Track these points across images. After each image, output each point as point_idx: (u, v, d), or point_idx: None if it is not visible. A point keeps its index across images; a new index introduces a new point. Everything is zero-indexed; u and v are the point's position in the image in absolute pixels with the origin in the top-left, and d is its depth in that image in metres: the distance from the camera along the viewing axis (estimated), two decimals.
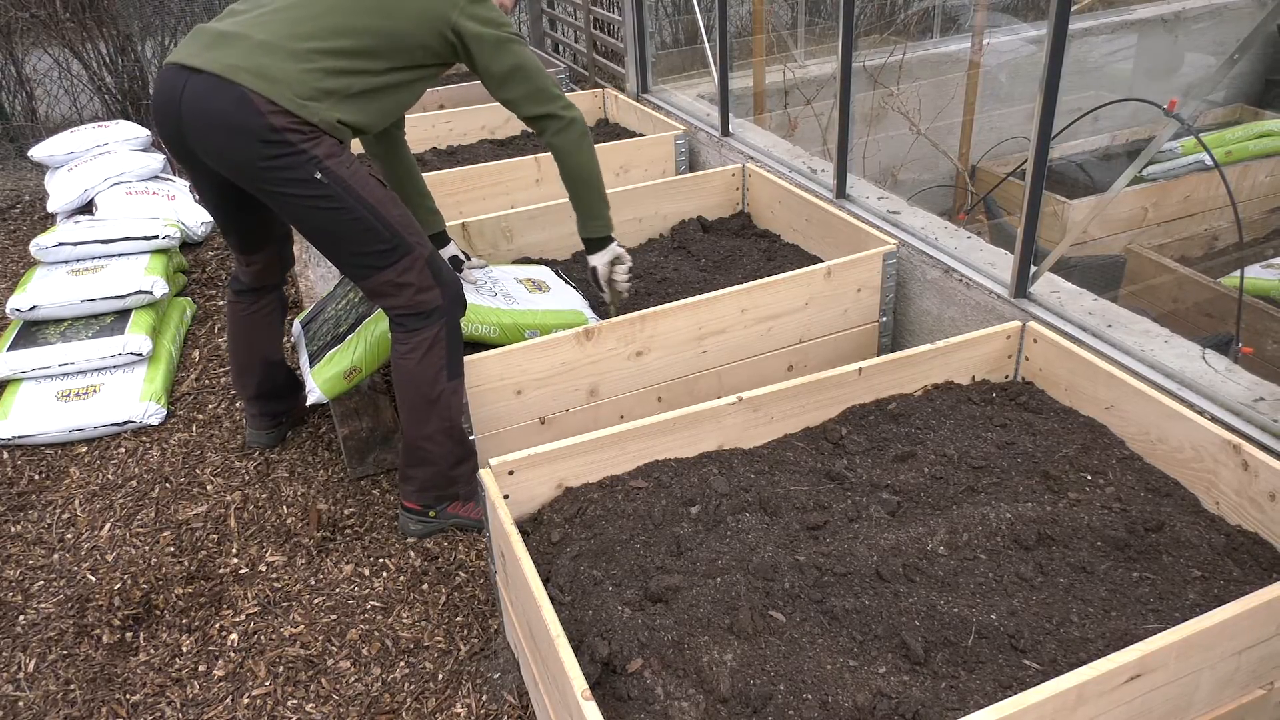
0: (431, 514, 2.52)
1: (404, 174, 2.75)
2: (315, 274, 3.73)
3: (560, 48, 6.29)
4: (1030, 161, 2.37)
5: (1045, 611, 1.74)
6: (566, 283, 2.99)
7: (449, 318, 2.32)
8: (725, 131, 3.95)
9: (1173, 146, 4.29)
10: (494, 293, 2.77)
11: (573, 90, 5.23)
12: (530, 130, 2.52)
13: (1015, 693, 1.45)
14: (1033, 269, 2.52)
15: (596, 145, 3.84)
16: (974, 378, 2.46)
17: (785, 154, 3.67)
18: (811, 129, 4.55)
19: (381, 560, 2.49)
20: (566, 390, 2.57)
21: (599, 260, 2.63)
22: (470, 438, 2.49)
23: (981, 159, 4.64)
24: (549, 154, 3.81)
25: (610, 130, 4.59)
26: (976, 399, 2.38)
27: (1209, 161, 4.08)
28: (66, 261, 3.61)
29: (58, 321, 3.35)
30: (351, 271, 2.30)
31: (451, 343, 2.33)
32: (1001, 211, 4.23)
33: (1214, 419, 2.05)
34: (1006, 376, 2.49)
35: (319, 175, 2.12)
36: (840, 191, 3.23)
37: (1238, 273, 3.39)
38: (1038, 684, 1.45)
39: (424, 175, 3.66)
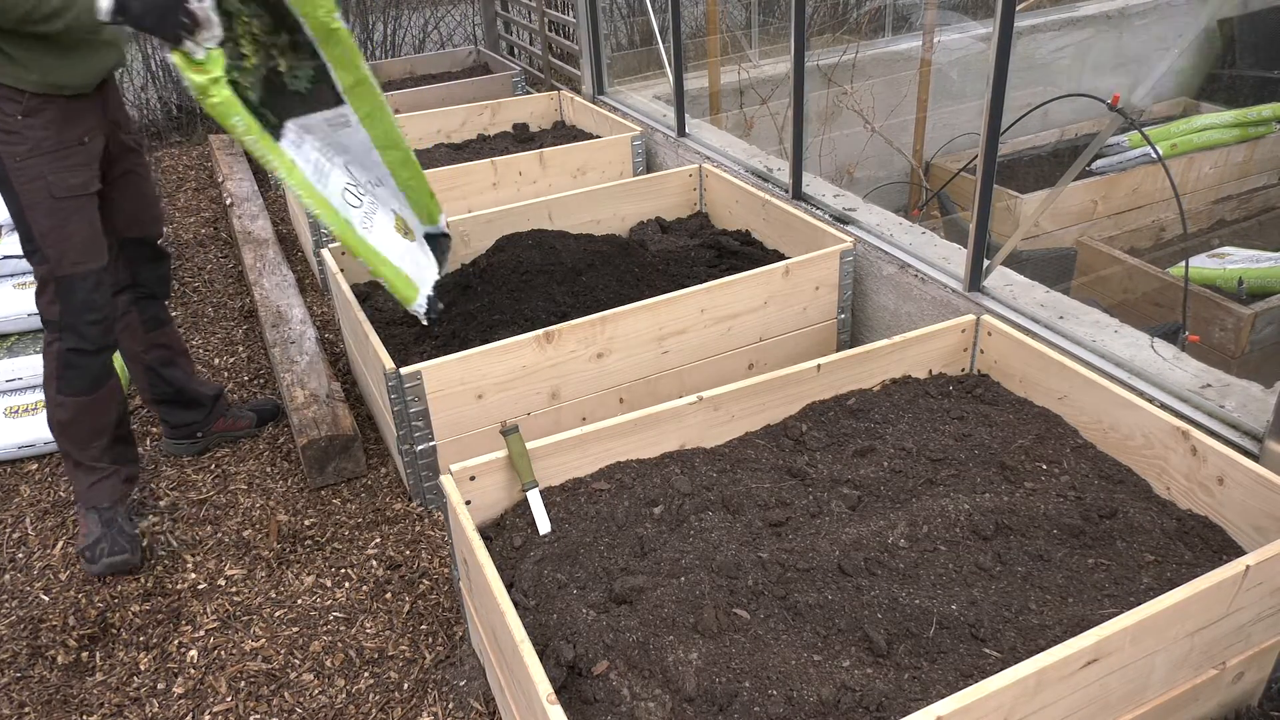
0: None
1: None
2: (270, 282, 3.68)
3: (515, 50, 6.27)
4: (980, 157, 2.41)
5: (1004, 600, 1.77)
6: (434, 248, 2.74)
7: (60, 340, 2.34)
8: (682, 132, 3.96)
9: (1120, 140, 4.38)
10: (362, 198, 2.50)
11: (529, 93, 5.21)
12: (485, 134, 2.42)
13: (976, 681, 1.47)
14: (986, 263, 2.56)
15: (553, 148, 3.86)
16: (931, 371, 2.50)
17: (742, 154, 3.69)
18: (767, 128, 4.57)
19: (343, 570, 2.46)
20: (528, 394, 2.56)
21: None
22: (93, 445, 2.44)
23: (935, 155, 4.70)
24: (504, 158, 3.80)
25: (567, 132, 4.58)
26: (934, 392, 2.41)
27: (1154, 155, 4.17)
28: (11, 275, 3.52)
29: (4, 336, 3.27)
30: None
31: (62, 364, 2.35)
32: (955, 207, 4.28)
33: (1163, 406, 2.10)
34: (963, 369, 2.52)
35: None
36: (796, 190, 3.25)
37: (1184, 263, 3.47)
38: (998, 671, 1.47)
39: None
